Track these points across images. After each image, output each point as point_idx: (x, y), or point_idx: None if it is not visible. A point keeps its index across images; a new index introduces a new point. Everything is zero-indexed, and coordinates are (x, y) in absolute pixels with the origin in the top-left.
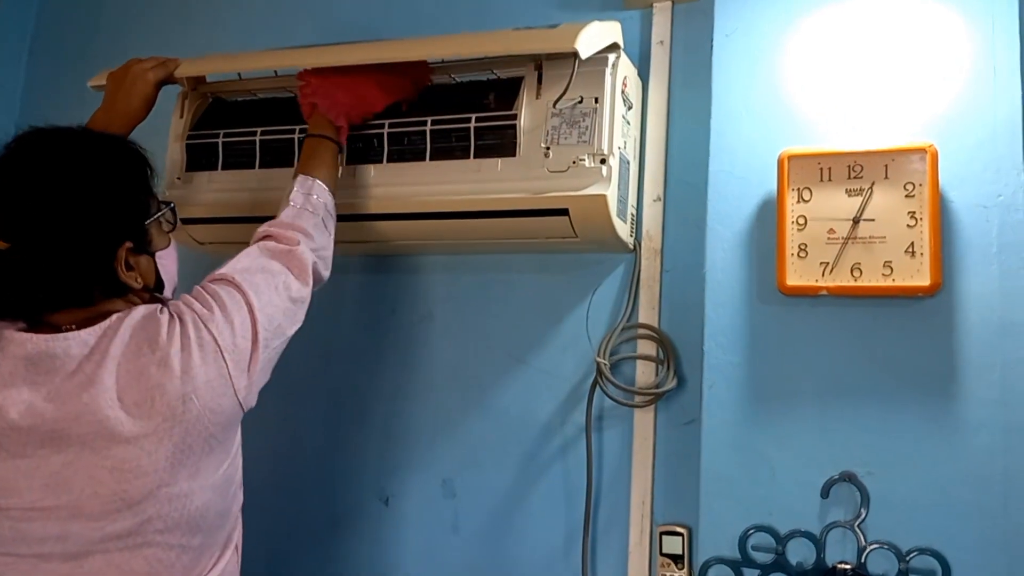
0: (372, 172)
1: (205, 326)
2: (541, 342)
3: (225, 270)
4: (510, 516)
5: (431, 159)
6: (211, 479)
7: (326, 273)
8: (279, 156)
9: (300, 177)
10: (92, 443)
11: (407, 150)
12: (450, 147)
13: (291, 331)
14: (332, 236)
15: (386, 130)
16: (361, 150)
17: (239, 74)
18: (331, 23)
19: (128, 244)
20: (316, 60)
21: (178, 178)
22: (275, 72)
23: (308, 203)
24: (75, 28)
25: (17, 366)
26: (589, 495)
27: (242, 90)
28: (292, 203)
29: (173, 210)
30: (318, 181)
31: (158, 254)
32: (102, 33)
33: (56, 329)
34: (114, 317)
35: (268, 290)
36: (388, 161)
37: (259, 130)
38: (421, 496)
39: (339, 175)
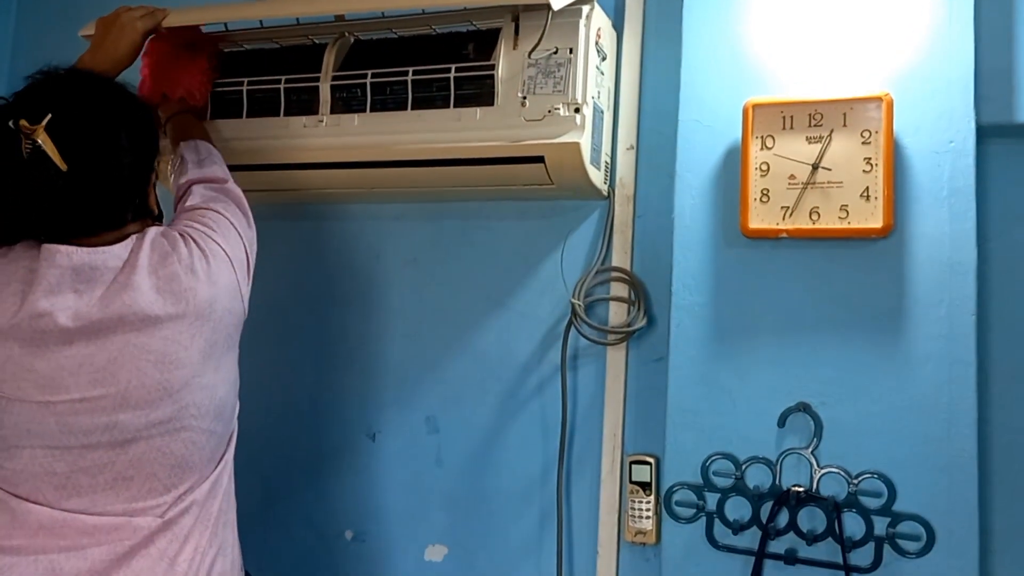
0: (356, 121)
1: (214, 240)
2: (519, 285)
3: (192, 202)
4: (490, 449)
5: (413, 108)
6: (229, 374)
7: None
8: (266, 106)
9: (185, 145)
10: (135, 340)
11: (389, 99)
12: (431, 96)
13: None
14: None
15: (369, 80)
16: (345, 99)
17: (226, 25)
18: None
19: (154, 174)
20: (300, 10)
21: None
22: (261, 23)
23: (197, 153)
24: None
25: (64, 275)
26: (564, 428)
27: (228, 41)
28: (190, 163)
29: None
30: (201, 142)
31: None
32: None
33: (94, 246)
34: (134, 237)
35: (234, 212)
36: (371, 110)
37: (246, 80)
38: (406, 432)
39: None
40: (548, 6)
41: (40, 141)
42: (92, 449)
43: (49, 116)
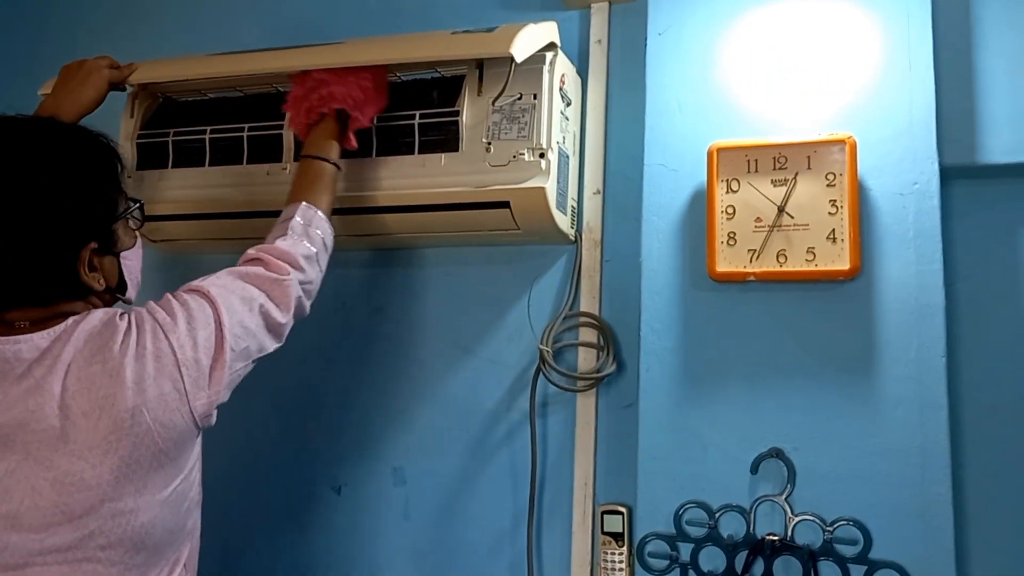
0: None
1: (165, 336)
2: (486, 332)
3: (202, 282)
4: (459, 501)
5: (377, 155)
6: (160, 495)
7: (308, 304)
8: (228, 154)
9: (303, 205)
10: (36, 452)
11: None
12: (396, 143)
13: (258, 356)
14: (323, 272)
15: None
16: None
17: None
18: (276, 23)
19: (93, 244)
20: (266, 65)
21: (128, 177)
22: None
23: (307, 235)
24: (22, 36)
25: None
26: (534, 478)
27: (191, 90)
28: (291, 232)
29: (141, 207)
30: (320, 213)
31: (125, 253)
32: (48, 42)
33: (10, 327)
34: (70, 320)
35: (242, 311)
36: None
37: (208, 129)
38: (372, 484)
39: (334, 196)
40: (511, 57)
41: None
42: None
43: None
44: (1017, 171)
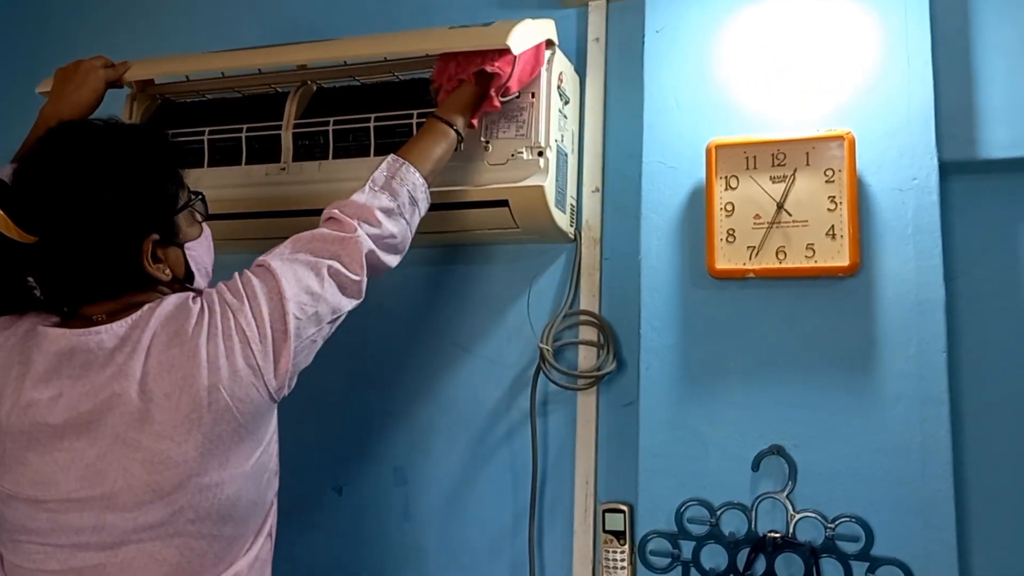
0: (319, 168)
1: (234, 316)
2: (486, 331)
3: (267, 256)
4: (460, 500)
5: (376, 154)
6: (242, 468)
7: (390, 260)
8: (227, 155)
9: (391, 158)
10: (124, 434)
11: (352, 146)
12: (393, 142)
13: (334, 317)
14: (410, 224)
15: (331, 127)
16: (307, 147)
17: (187, 76)
18: (275, 22)
19: (154, 237)
20: (261, 60)
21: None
22: (222, 73)
23: (388, 186)
24: (22, 35)
25: (51, 362)
26: (535, 477)
27: (190, 91)
28: (371, 183)
29: (203, 199)
30: (409, 164)
31: (190, 244)
32: (48, 41)
33: (88, 321)
34: (145, 308)
35: (308, 277)
36: (334, 157)
37: (207, 130)
38: (373, 484)
39: (442, 163)
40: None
41: None
42: (82, 549)
43: None
44: (1016, 165)
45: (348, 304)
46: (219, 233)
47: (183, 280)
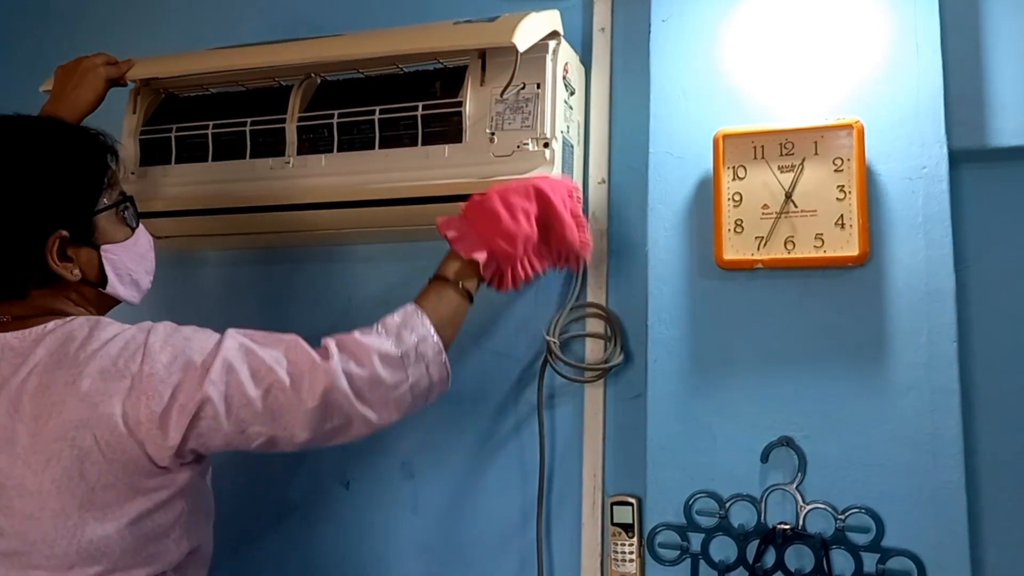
0: (323, 161)
1: (143, 360)
2: (493, 324)
3: (231, 328)
4: (467, 494)
5: (380, 147)
6: (113, 515)
7: (369, 413)
8: (231, 149)
9: (411, 307)
10: None
11: (357, 139)
12: (398, 135)
13: (243, 429)
14: (411, 379)
15: (336, 120)
16: (312, 140)
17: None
18: (277, 17)
19: (62, 233)
20: (263, 59)
21: (132, 173)
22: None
23: (398, 336)
24: (24, 32)
25: None
26: (542, 470)
27: (193, 85)
28: (378, 326)
29: (132, 203)
30: (424, 315)
31: (110, 247)
32: (50, 38)
33: None
34: (52, 323)
35: (246, 366)
36: (339, 150)
37: (211, 124)
38: (381, 478)
39: (455, 321)
40: (515, 48)
41: None
42: None
43: None
44: None
45: (267, 429)
46: (224, 228)
47: (95, 283)
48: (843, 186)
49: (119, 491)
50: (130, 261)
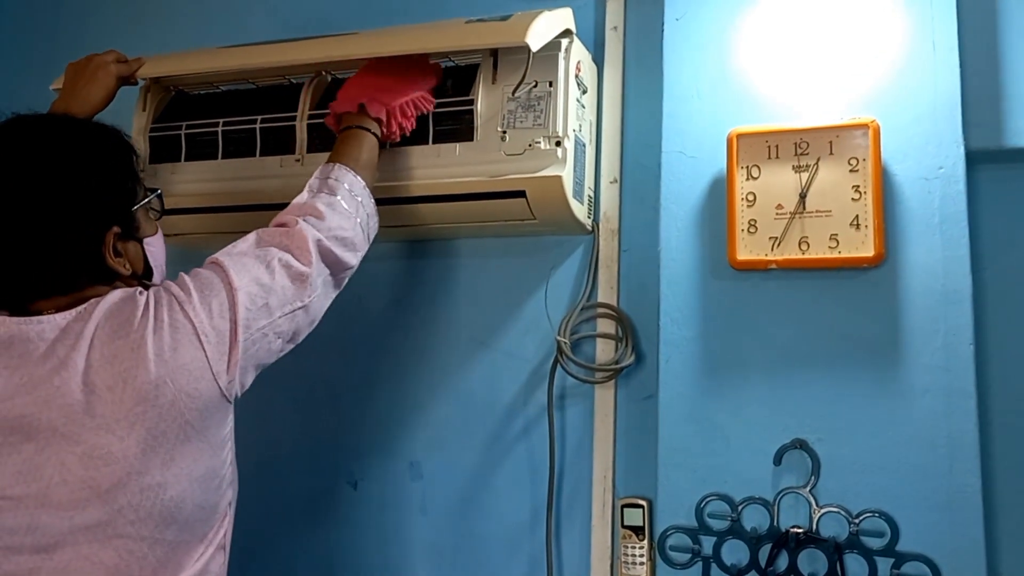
0: None
1: (181, 308)
2: (503, 324)
3: (218, 254)
4: (476, 495)
5: (391, 146)
6: (188, 470)
7: (347, 255)
8: (241, 146)
9: (322, 166)
10: (63, 428)
11: None
12: (410, 134)
13: (286, 311)
14: (356, 217)
15: None
16: (323, 138)
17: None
18: (287, 15)
19: (116, 229)
20: (274, 58)
21: (142, 170)
22: None
23: (324, 186)
24: (35, 30)
25: None
26: (552, 472)
27: (203, 82)
28: (307, 188)
29: (160, 196)
30: (339, 164)
31: (148, 240)
32: (60, 36)
33: (34, 314)
34: (91, 301)
35: (256, 269)
36: None
37: (221, 121)
38: (389, 479)
39: (376, 162)
40: (528, 47)
41: None
42: (15, 552)
43: None
44: None
45: (301, 297)
46: (234, 225)
47: (142, 276)
48: (858, 186)
49: (191, 443)
50: (160, 253)
